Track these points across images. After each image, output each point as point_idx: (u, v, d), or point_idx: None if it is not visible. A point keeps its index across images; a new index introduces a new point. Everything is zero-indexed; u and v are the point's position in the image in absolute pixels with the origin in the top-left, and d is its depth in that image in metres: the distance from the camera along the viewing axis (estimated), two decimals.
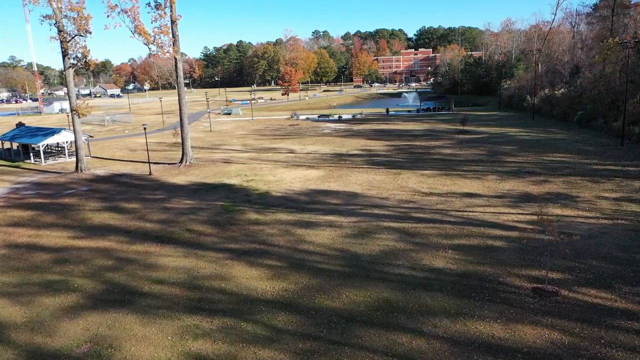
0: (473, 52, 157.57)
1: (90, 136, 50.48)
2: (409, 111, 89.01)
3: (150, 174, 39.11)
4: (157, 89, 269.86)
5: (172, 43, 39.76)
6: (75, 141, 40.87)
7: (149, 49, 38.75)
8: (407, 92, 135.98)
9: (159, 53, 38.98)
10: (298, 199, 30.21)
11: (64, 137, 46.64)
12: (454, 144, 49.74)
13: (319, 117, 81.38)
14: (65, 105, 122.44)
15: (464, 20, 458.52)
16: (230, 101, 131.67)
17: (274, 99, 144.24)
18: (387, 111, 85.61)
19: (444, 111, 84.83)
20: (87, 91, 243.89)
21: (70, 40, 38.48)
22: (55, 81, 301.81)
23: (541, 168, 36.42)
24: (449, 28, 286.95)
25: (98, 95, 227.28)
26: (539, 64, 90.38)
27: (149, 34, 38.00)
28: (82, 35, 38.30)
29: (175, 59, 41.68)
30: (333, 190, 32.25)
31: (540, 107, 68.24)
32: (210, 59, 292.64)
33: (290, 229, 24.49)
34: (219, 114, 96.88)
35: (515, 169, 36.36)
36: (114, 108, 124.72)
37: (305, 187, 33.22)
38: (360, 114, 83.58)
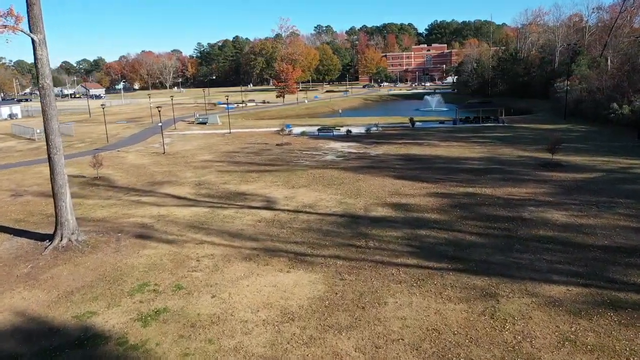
0: (499, 48, 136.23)
1: None
2: (442, 122, 66.49)
3: None
4: (147, 88, 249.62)
5: (10, 11, 19.24)
6: None
7: None
8: (428, 95, 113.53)
9: None
10: None
11: None
12: (557, 194, 27.96)
13: (319, 130, 59.84)
14: (17, 110, 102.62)
15: (479, 13, 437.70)
16: (215, 104, 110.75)
17: (268, 102, 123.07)
18: (413, 123, 62.84)
19: (490, 122, 63.20)
20: (71, 91, 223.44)
21: None
22: None
23: None
24: (463, 22, 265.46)
25: (78, 95, 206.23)
26: (608, 59, 69.60)
27: None
28: None
29: (33, 40, 21.10)
30: None
31: (638, 119, 47.02)
32: (204, 57, 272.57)
33: None
34: (192, 122, 76.18)
35: None
36: (76, 113, 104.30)
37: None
38: (376, 125, 62.19)
